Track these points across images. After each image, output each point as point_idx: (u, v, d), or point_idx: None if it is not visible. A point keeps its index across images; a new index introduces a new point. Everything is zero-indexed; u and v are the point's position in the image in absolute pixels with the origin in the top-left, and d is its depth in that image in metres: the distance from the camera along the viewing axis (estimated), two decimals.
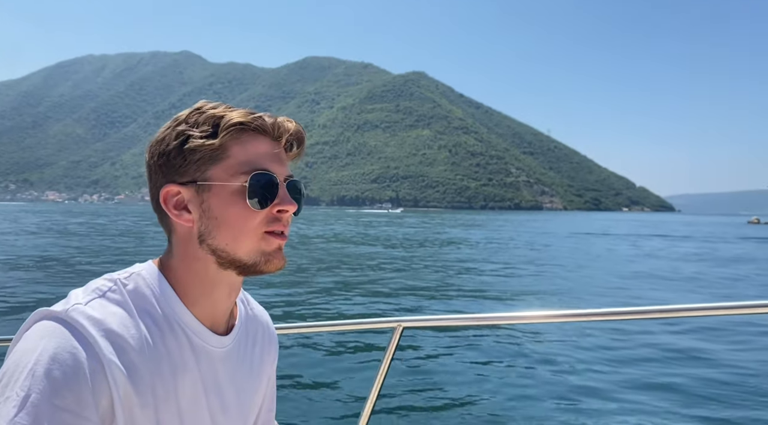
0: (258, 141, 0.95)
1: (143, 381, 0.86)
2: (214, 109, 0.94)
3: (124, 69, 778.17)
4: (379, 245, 36.83)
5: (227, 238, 0.93)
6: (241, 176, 0.92)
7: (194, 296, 0.96)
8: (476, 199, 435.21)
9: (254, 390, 1.12)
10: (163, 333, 0.92)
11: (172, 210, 0.94)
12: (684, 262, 27.25)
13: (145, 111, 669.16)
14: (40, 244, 31.48)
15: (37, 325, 0.83)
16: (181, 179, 0.93)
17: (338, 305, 14.48)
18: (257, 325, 1.17)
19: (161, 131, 0.95)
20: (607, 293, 17.48)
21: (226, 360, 1.02)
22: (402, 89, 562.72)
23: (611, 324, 11.42)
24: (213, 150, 0.91)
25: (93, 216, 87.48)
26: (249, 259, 0.94)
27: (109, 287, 0.90)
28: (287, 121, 0.99)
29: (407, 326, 1.90)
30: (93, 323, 0.83)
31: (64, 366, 0.77)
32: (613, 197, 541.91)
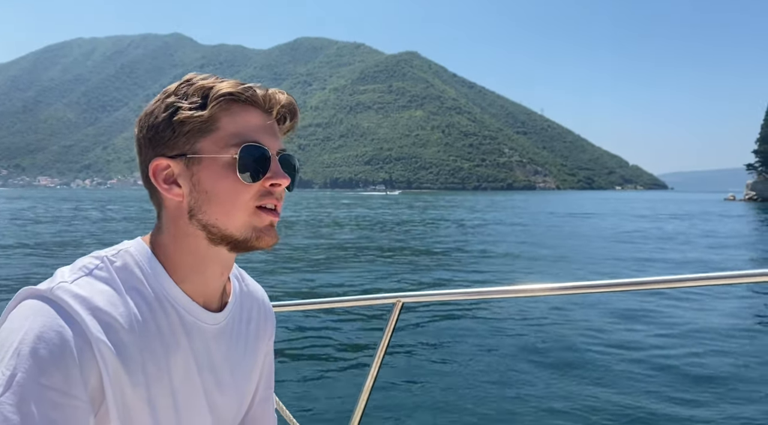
0: (248, 113, 0.92)
1: (133, 359, 0.84)
2: (203, 80, 0.91)
3: (114, 52, 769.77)
4: (379, 227, 37.27)
5: (218, 213, 0.90)
6: (231, 149, 0.89)
7: (185, 273, 0.95)
8: (469, 180, 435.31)
9: (250, 367, 1.11)
10: (153, 311, 0.90)
11: (161, 184, 0.91)
12: (628, 241, 27.77)
13: (136, 94, 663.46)
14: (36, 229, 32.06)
15: (22, 304, 0.82)
16: (170, 153, 0.90)
17: (338, 282, 14.83)
18: (252, 301, 1.15)
19: (151, 104, 0.93)
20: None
21: (219, 337, 1.00)
22: (395, 70, 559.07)
23: (608, 295, 11.70)
24: (202, 122, 0.89)
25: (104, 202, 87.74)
26: (240, 234, 0.92)
27: (96, 264, 0.88)
28: (279, 92, 0.96)
29: (406, 301, 1.91)
30: (79, 301, 0.81)
31: (51, 344, 0.76)
32: (606, 175, 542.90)
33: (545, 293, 1.74)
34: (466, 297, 1.89)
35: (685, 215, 56.32)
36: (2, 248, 22.41)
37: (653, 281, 1.51)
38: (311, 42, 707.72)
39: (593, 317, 10.45)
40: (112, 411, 0.82)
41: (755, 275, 1.41)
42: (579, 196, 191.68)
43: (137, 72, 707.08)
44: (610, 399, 6.47)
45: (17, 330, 0.78)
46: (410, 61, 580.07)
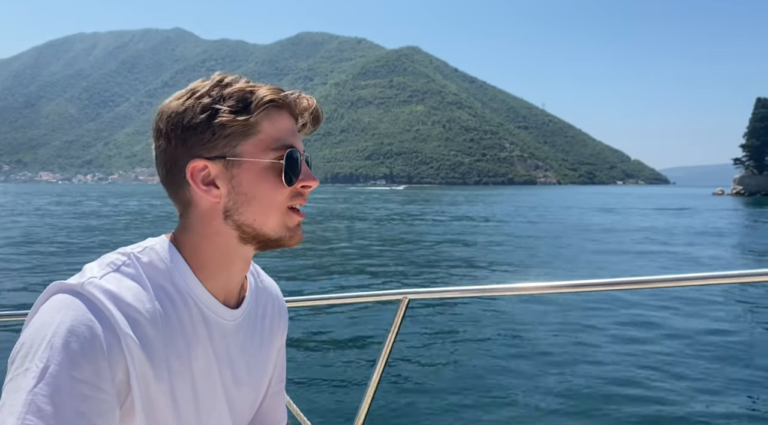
0: (283, 117, 0.96)
1: (158, 354, 0.86)
2: (238, 83, 0.94)
3: (115, 47, 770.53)
4: (385, 221, 37.38)
5: (255, 213, 0.93)
6: (271, 152, 0.93)
7: (211, 271, 0.97)
8: (470, 174, 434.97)
9: (265, 361, 1.13)
10: (177, 307, 0.92)
11: (200, 186, 0.92)
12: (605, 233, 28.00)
13: (138, 90, 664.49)
14: (52, 223, 32.36)
15: (53, 298, 0.84)
16: (208, 154, 0.91)
17: (344, 278, 14.91)
18: (267, 297, 1.18)
19: (179, 101, 0.93)
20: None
21: (237, 333, 1.03)
22: (396, 64, 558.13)
23: (616, 294, 11.70)
24: (244, 126, 0.91)
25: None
26: (275, 234, 0.96)
27: (123, 261, 0.90)
28: (308, 98, 1.00)
29: (413, 298, 1.92)
30: (108, 296, 0.83)
31: (82, 338, 0.78)
32: (608, 170, 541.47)
33: (554, 291, 1.74)
34: (473, 294, 1.90)
35: (657, 210, 56.16)
36: (25, 240, 22.86)
37: (670, 279, 1.51)
38: (312, 37, 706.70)
39: (604, 314, 10.50)
40: (137, 404, 0.84)
41: (754, 275, 1.42)
42: (575, 191, 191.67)
43: (138, 67, 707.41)
44: (621, 398, 6.48)
45: (49, 324, 0.79)
46: (411, 56, 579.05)
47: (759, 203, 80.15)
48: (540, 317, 10.29)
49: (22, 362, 0.77)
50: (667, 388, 6.79)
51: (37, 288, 12.54)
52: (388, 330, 1.91)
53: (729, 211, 54.70)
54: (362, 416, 1.93)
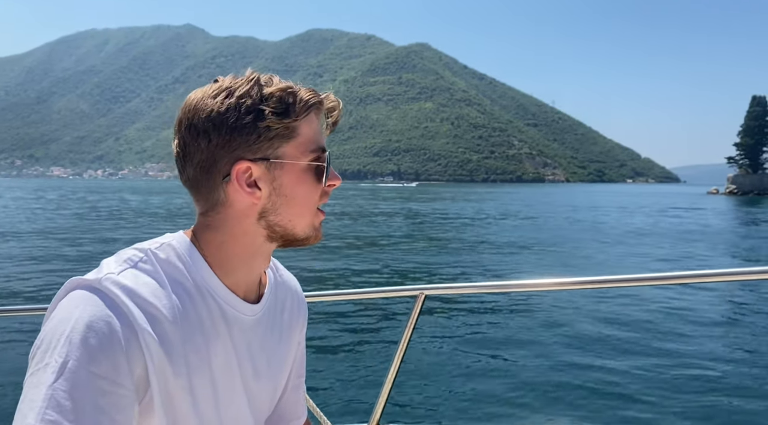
0: (315, 118, 0.97)
1: (176, 349, 0.87)
2: (277, 83, 0.94)
3: (126, 43, 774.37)
4: (399, 218, 37.75)
5: (292, 214, 0.95)
6: (309, 154, 0.94)
7: (232, 267, 0.97)
8: (478, 172, 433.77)
9: (284, 356, 1.13)
10: (195, 302, 0.92)
11: (244, 187, 0.92)
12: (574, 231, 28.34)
13: (148, 86, 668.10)
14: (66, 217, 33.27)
15: (71, 294, 0.84)
16: (252, 156, 0.91)
17: (361, 273, 15.14)
18: (286, 291, 1.18)
19: (217, 100, 0.91)
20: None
21: (256, 328, 1.03)
22: (405, 61, 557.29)
23: (635, 290, 11.80)
24: (287, 128, 0.91)
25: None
26: (304, 234, 0.97)
27: (141, 257, 0.91)
28: (333, 99, 1.00)
29: (430, 294, 1.92)
30: (126, 292, 0.84)
31: (100, 334, 0.79)
32: (618, 168, 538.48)
33: (571, 288, 1.74)
34: (490, 290, 2.01)
35: (642, 208, 56.32)
36: (42, 236, 23.35)
37: (697, 275, 1.53)
38: (322, 34, 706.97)
39: (622, 310, 10.56)
40: (156, 400, 0.84)
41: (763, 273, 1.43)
42: (577, 189, 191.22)
43: (149, 63, 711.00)
44: (640, 394, 6.45)
45: (68, 319, 0.80)
46: (421, 52, 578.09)
47: (750, 202, 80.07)
48: (557, 314, 10.35)
49: (42, 357, 0.78)
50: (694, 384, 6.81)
51: (56, 283, 12.68)
52: (405, 326, 1.91)
53: (714, 211, 54.65)
54: (379, 411, 1.93)
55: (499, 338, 8.85)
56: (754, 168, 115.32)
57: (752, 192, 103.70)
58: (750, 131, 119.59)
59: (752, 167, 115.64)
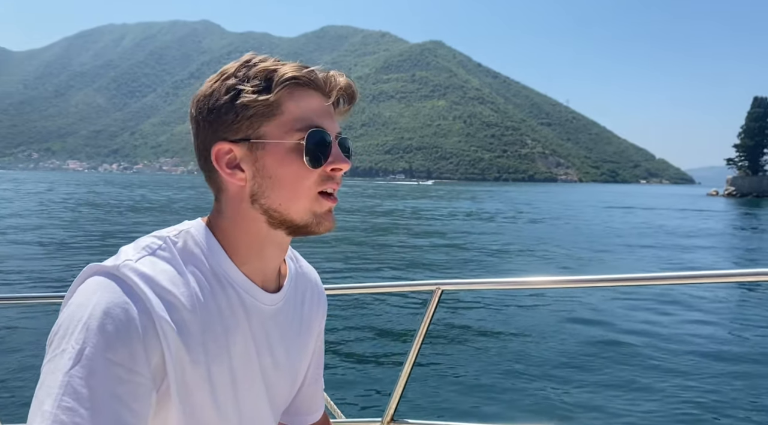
0: (310, 96, 0.92)
1: (194, 338, 0.86)
2: (264, 62, 0.91)
3: (143, 38, 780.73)
4: (417, 216, 37.84)
5: (281, 198, 0.91)
6: (295, 133, 0.89)
7: (244, 255, 0.95)
8: (490, 171, 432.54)
9: (303, 347, 1.12)
10: (214, 291, 0.91)
11: (224, 169, 0.91)
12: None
13: (164, 81, 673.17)
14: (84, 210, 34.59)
15: (89, 280, 0.84)
16: (233, 137, 0.89)
17: (378, 268, 15.22)
18: (306, 283, 1.16)
19: (207, 85, 0.92)
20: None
21: (276, 317, 1.02)
22: (418, 59, 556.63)
23: (655, 288, 11.80)
24: (266, 106, 0.88)
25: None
26: (301, 220, 0.93)
27: (159, 244, 0.90)
28: (339, 75, 0.95)
29: (446, 289, 1.92)
30: (144, 279, 0.83)
31: (117, 320, 0.78)
32: (631, 169, 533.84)
33: (589, 285, 1.76)
34: (507, 287, 1.92)
35: (629, 209, 56.45)
36: (59, 225, 24.18)
37: (724, 274, 1.55)
38: (337, 30, 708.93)
39: (639, 309, 10.63)
40: (173, 389, 0.83)
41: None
42: (587, 189, 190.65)
43: (165, 58, 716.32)
44: (661, 391, 6.46)
45: (85, 305, 0.79)
46: (434, 50, 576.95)
47: (747, 203, 79.84)
48: (575, 311, 10.40)
49: (59, 343, 0.78)
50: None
51: (73, 271, 13.08)
52: (421, 320, 1.91)
53: (705, 213, 54.61)
54: (393, 406, 1.93)
55: (516, 335, 8.76)
56: (754, 170, 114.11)
57: (751, 194, 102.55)
58: (750, 132, 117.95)
59: (752, 169, 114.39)
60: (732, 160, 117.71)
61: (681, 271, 1.84)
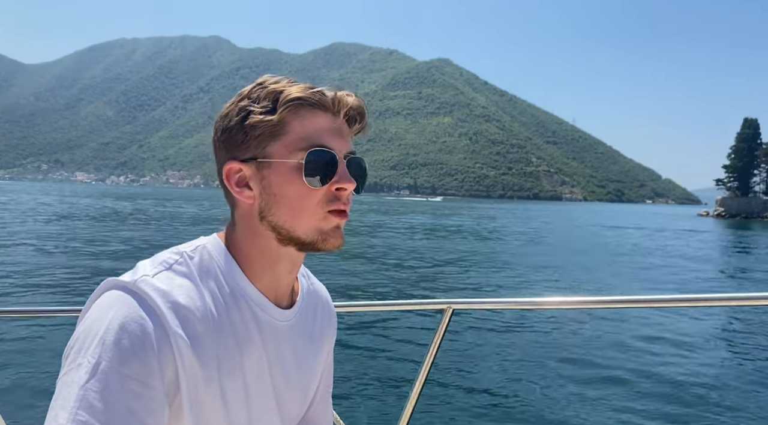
0: (317, 116, 0.93)
1: (208, 353, 0.86)
2: (275, 83, 0.93)
3: (154, 53, 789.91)
4: (427, 233, 37.85)
5: (286, 215, 0.93)
6: (299, 153, 0.91)
7: (258, 271, 0.97)
8: (494, 188, 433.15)
9: (314, 364, 1.12)
10: (228, 306, 0.92)
11: (233, 187, 0.94)
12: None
13: (173, 94, 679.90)
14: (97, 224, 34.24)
15: (106, 294, 0.85)
16: (242, 156, 0.92)
17: (388, 285, 15.06)
18: (317, 300, 1.18)
19: (226, 106, 0.95)
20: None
21: (288, 334, 1.03)
22: (425, 76, 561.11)
23: (668, 311, 11.77)
24: (272, 126, 0.90)
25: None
26: (306, 237, 0.94)
27: (176, 259, 0.92)
28: (347, 95, 0.97)
29: (457, 308, 1.91)
30: (160, 294, 0.84)
31: (132, 335, 0.79)
32: (637, 188, 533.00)
33: (602, 306, 1.75)
34: (518, 307, 1.88)
35: (620, 228, 56.61)
36: (75, 238, 24.37)
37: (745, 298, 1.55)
38: (345, 47, 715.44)
39: (655, 332, 10.59)
40: (186, 403, 0.84)
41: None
42: (588, 208, 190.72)
43: (175, 72, 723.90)
44: (682, 418, 6.46)
45: (101, 319, 0.81)
46: (441, 68, 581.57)
47: (735, 225, 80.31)
48: (587, 333, 10.34)
49: (75, 357, 0.79)
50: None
51: (90, 284, 13.35)
52: (432, 339, 1.90)
53: (687, 233, 55.07)
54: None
55: (528, 355, 8.70)
56: (744, 191, 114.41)
57: (740, 215, 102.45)
58: (739, 153, 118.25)
59: (741, 190, 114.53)
60: (721, 180, 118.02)
61: (703, 293, 1.65)
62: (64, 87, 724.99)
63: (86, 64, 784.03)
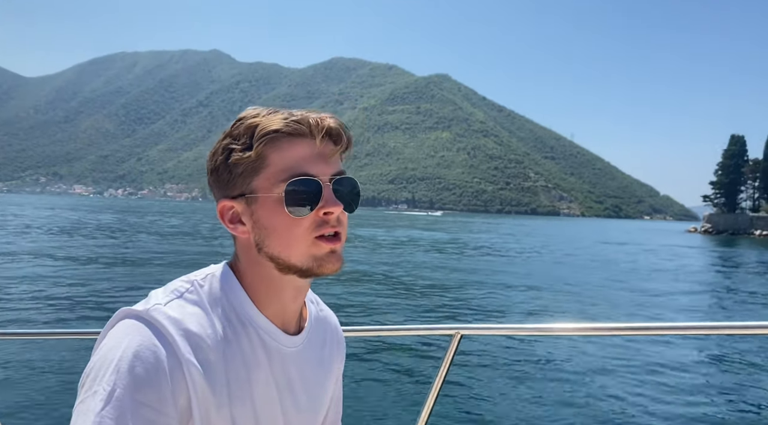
0: (296, 145, 0.94)
1: (219, 380, 0.89)
2: (253, 118, 0.94)
3: (155, 66, 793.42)
4: (432, 250, 36.99)
5: (279, 246, 0.94)
6: (281, 184, 0.92)
7: (264, 299, 0.99)
8: (492, 203, 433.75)
9: (323, 390, 1.13)
10: (237, 333, 0.94)
11: (228, 224, 0.97)
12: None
13: (173, 108, 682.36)
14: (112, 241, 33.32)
15: (120, 323, 0.88)
16: (232, 193, 0.95)
17: (393, 310, 14.71)
18: (326, 326, 1.19)
19: (215, 144, 0.97)
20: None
21: (297, 360, 1.04)
22: (424, 91, 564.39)
23: (679, 338, 11.55)
24: (252, 162, 0.92)
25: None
26: (302, 264, 0.95)
27: (187, 288, 0.94)
28: (328, 117, 0.98)
29: (466, 334, 1.90)
30: (172, 322, 0.87)
31: (146, 363, 0.81)
32: (635, 204, 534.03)
33: (614, 333, 1.83)
34: (528, 333, 1.89)
35: (604, 244, 56.46)
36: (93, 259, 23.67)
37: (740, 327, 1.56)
38: (345, 62, 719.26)
39: (667, 359, 10.37)
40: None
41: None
42: (583, 223, 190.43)
43: (175, 86, 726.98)
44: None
45: (116, 348, 0.83)
46: (440, 83, 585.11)
47: (723, 241, 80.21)
48: (597, 360, 10.14)
49: (91, 385, 0.81)
50: None
51: (106, 306, 13.22)
52: (440, 366, 1.89)
53: (671, 250, 54.77)
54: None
55: (538, 383, 8.58)
56: (731, 207, 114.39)
57: (727, 232, 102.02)
58: (726, 169, 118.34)
59: (728, 206, 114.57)
60: (708, 197, 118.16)
61: (710, 321, 1.74)
62: (64, 100, 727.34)
63: (87, 77, 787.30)
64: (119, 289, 15.93)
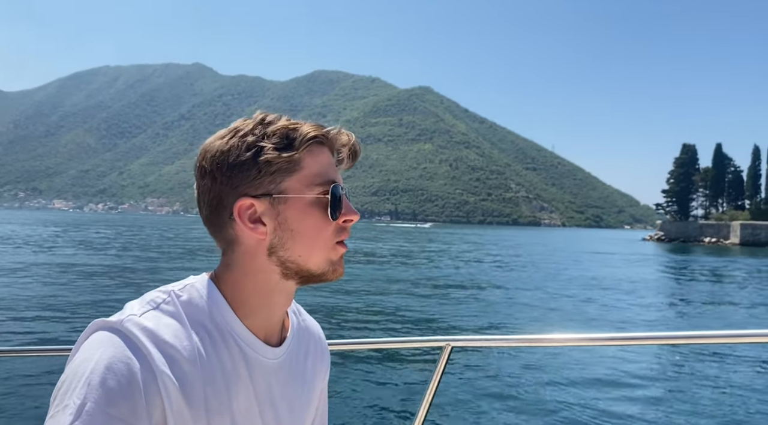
0: (324, 153, 0.97)
1: (195, 393, 0.86)
2: (280, 120, 0.96)
3: (136, 80, 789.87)
4: (423, 261, 37.16)
5: (301, 249, 0.94)
6: (315, 188, 0.94)
7: (251, 308, 0.97)
8: (474, 214, 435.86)
9: (307, 403, 1.11)
10: (216, 345, 0.92)
11: (247, 223, 0.93)
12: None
13: (155, 122, 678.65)
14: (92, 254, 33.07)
15: (94, 335, 0.86)
16: (254, 192, 0.92)
17: (385, 321, 14.68)
18: (309, 337, 1.17)
19: (223, 141, 0.94)
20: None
21: (278, 372, 1.02)
22: (406, 104, 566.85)
23: (668, 348, 11.66)
24: (289, 162, 0.92)
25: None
26: (318, 269, 0.96)
27: (164, 298, 0.92)
28: (347, 134, 1.01)
29: (456, 345, 1.89)
30: (146, 334, 0.84)
31: (119, 375, 0.79)
32: (616, 214, 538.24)
33: (602, 343, 1.73)
34: (518, 344, 1.86)
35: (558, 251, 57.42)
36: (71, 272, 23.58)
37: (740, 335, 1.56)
38: (328, 75, 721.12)
39: (655, 368, 10.54)
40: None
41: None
42: (559, 233, 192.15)
43: (157, 100, 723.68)
44: None
45: (88, 360, 0.81)
46: (422, 95, 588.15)
47: (674, 248, 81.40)
48: (588, 370, 10.19)
49: (62, 399, 0.78)
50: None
51: (83, 321, 12.81)
52: (430, 378, 1.87)
53: (619, 256, 55.62)
54: None
55: (529, 394, 8.62)
56: (684, 215, 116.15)
57: (678, 239, 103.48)
58: (678, 177, 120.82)
59: (681, 214, 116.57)
60: (660, 205, 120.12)
61: (701, 330, 1.68)
62: (44, 114, 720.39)
63: (68, 91, 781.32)
64: (96, 303, 15.78)
